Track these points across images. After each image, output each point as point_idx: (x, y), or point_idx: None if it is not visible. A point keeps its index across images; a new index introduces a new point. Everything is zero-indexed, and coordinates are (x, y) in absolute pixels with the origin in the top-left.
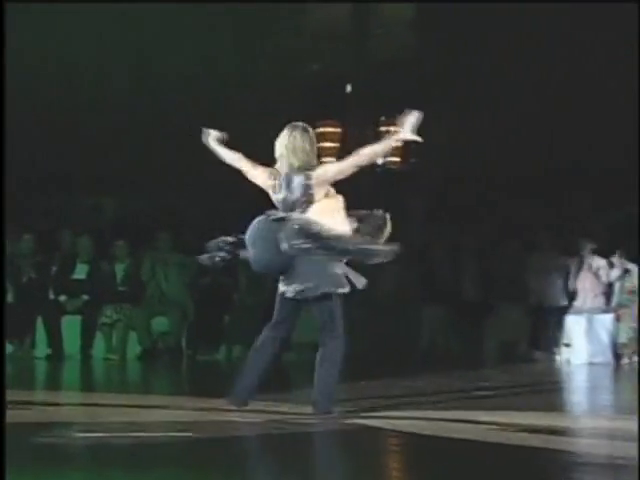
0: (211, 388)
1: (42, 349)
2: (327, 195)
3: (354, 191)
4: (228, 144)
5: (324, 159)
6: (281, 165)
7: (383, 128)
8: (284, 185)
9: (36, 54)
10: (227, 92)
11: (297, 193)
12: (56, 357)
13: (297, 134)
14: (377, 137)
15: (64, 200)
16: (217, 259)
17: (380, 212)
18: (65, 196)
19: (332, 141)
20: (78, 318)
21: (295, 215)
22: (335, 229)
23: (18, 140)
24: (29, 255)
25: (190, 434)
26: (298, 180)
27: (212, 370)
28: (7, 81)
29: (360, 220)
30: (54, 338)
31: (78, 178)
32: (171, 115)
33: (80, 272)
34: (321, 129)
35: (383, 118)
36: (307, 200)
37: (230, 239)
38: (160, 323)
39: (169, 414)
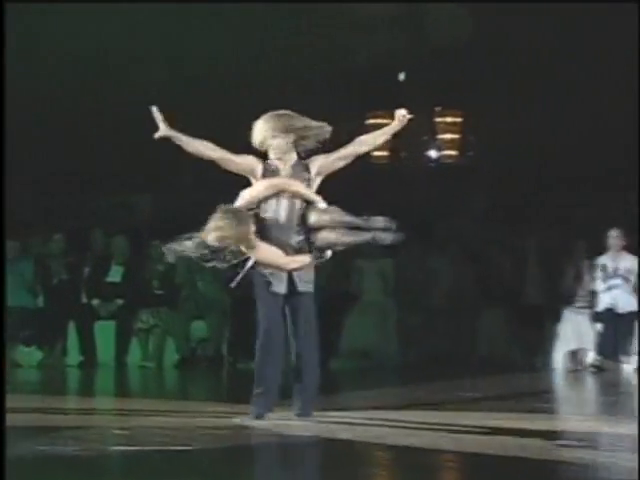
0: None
1: (74, 356)
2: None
3: (405, 187)
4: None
5: (376, 152)
6: (274, 150)
7: (438, 119)
8: (286, 171)
9: (64, 51)
10: (273, 85)
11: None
12: (89, 365)
13: (277, 116)
14: (432, 128)
15: (96, 198)
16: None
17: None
18: (98, 194)
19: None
20: (112, 323)
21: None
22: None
23: (49, 137)
24: (60, 256)
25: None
26: (299, 168)
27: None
28: (42, 78)
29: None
30: (87, 344)
31: (112, 175)
32: (209, 111)
33: (114, 274)
34: (371, 120)
35: (438, 108)
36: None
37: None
38: (199, 328)
39: (206, 422)
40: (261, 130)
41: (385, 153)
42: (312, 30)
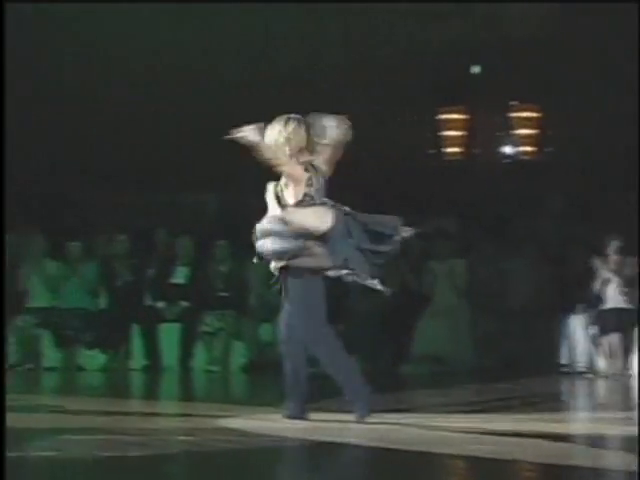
0: (318, 404)
1: (138, 360)
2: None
3: (479, 184)
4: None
5: (448, 149)
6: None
7: (514, 114)
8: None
9: (124, 52)
10: (347, 78)
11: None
12: (153, 368)
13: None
14: (507, 124)
15: (160, 197)
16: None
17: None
18: (162, 193)
19: (457, 129)
20: (177, 326)
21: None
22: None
23: (114, 137)
24: (124, 257)
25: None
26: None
27: (322, 384)
28: (111, 78)
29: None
30: (151, 348)
31: (176, 174)
32: (283, 106)
33: (179, 275)
34: (444, 116)
35: (514, 103)
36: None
37: None
38: (265, 332)
39: (272, 428)
40: (275, 132)
41: (458, 150)
42: (387, 22)
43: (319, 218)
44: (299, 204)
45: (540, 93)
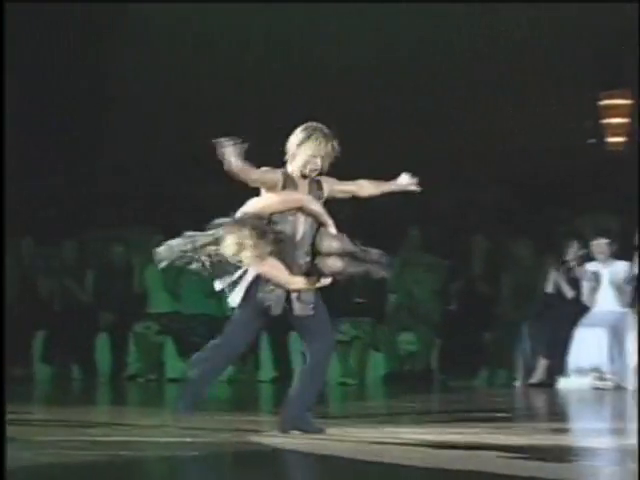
0: (464, 420)
1: (267, 371)
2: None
3: (566, 177)
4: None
5: (611, 139)
6: (310, 168)
7: None
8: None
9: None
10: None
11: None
12: (283, 380)
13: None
14: None
15: None
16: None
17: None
18: None
19: (621, 116)
20: None
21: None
22: None
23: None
24: None
25: None
26: (314, 186)
27: (468, 399)
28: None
29: None
30: (281, 358)
31: None
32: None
33: None
34: (606, 101)
35: None
36: None
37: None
38: (405, 340)
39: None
40: (316, 147)
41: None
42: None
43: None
44: None
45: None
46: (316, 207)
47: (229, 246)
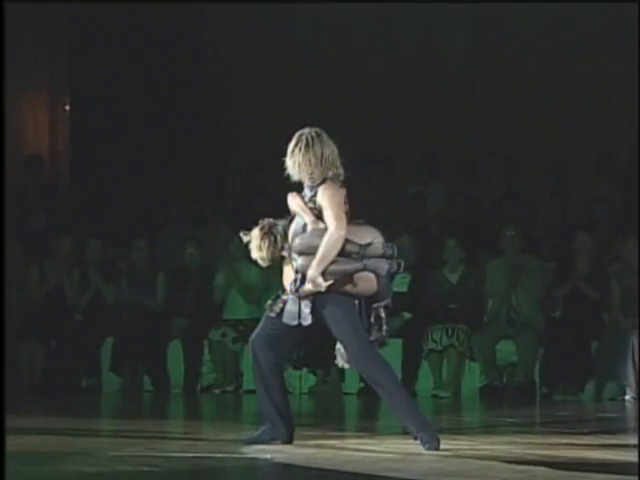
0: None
1: (353, 382)
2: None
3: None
4: None
5: None
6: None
7: None
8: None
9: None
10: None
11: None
12: (370, 392)
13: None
14: None
15: (374, 188)
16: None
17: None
18: (378, 183)
19: None
20: (398, 342)
21: None
22: None
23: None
24: None
25: None
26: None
27: (575, 413)
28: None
29: None
30: None
31: (395, 160)
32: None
33: (399, 283)
34: None
35: None
36: None
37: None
38: (504, 350)
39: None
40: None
41: None
42: None
43: None
44: None
45: None
46: (292, 206)
47: (251, 247)
